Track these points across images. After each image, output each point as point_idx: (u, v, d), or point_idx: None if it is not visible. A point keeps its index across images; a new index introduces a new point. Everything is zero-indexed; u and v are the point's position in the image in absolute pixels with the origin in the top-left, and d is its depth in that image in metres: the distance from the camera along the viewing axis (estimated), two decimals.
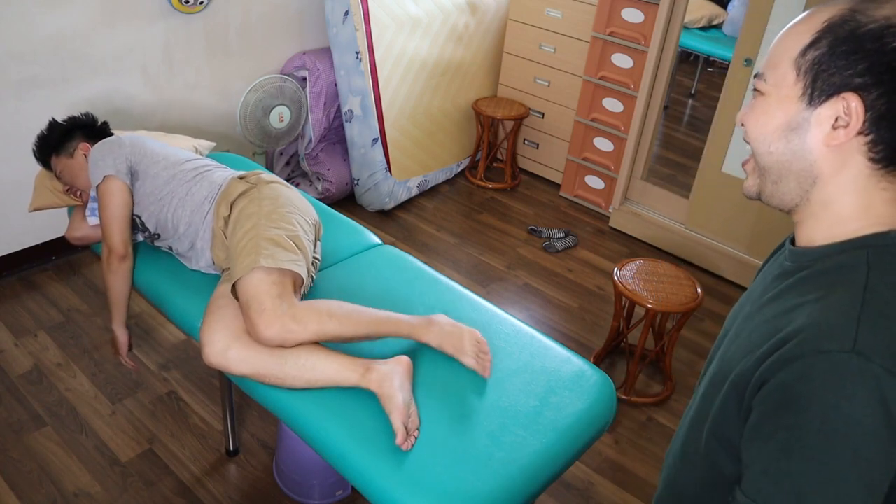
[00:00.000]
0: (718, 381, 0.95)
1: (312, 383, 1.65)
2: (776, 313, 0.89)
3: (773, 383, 0.82)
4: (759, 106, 0.90)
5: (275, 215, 1.83)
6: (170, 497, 2.08)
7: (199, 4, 2.94)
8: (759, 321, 0.92)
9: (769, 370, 0.83)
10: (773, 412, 0.81)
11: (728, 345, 0.98)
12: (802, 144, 0.86)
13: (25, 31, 2.56)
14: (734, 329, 1.00)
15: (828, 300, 0.83)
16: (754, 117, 0.90)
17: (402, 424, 1.52)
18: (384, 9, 3.27)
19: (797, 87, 0.85)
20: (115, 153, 1.97)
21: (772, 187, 0.92)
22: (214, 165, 2.07)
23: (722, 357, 0.98)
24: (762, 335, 0.88)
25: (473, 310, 1.97)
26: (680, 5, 3.18)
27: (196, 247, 1.99)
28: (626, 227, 3.64)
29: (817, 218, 0.90)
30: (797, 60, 0.85)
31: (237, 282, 1.70)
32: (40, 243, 2.94)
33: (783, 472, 0.80)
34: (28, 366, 2.49)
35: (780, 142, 0.88)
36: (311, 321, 1.64)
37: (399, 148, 3.55)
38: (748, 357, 0.88)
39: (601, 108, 3.61)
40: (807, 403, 0.78)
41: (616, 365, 2.75)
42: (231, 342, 1.66)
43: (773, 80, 0.88)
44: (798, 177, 0.88)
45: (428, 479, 1.47)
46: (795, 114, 0.86)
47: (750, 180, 0.95)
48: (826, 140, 0.84)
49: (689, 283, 2.48)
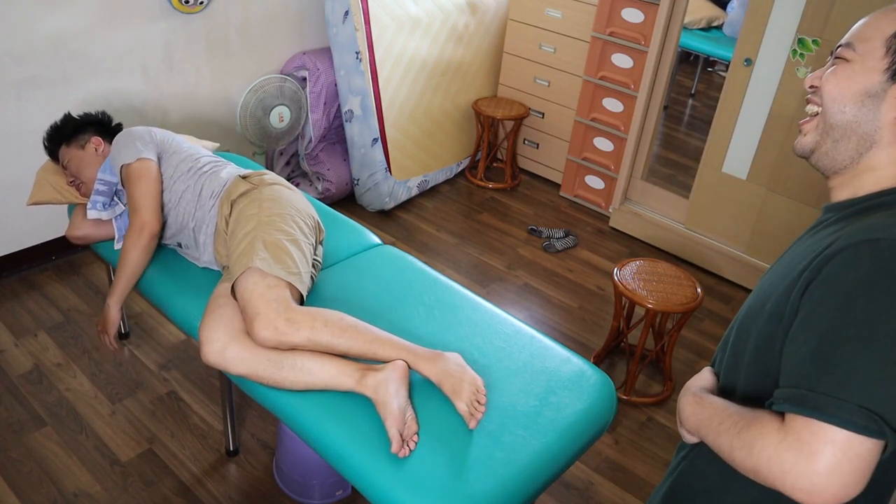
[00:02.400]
0: (755, 312, 1.00)
1: (309, 386, 1.65)
2: (813, 243, 0.96)
3: (819, 279, 0.87)
4: (842, 71, 0.97)
5: (276, 218, 1.84)
6: (170, 497, 2.08)
7: (199, 4, 2.94)
8: (793, 254, 1.00)
9: (812, 272, 0.88)
10: (821, 301, 0.85)
11: (765, 280, 1.05)
12: (875, 111, 0.95)
13: (25, 31, 2.56)
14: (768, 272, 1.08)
15: (868, 218, 0.91)
16: (836, 80, 0.98)
17: (397, 432, 1.52)
18: (384, 9, 3.27)
19: (884, 62, 0.94)
20: (145, 139, 2.06)
21: (831, 145, 0.99)
22: (224, 163, 2.11)
23: (757, 291, 1.05)
24: (799, 261, 0.94)
25: (473, 310, 1.97)
26: (680, 5, 3.18)
27: (200, 241, 2.01)
28: (626, 227, 3.64)
29: (860, 179, 0.98)
30: (889, 41, 0.94)
31: (235, 282, 1.71)
32: (40, 243, 2.94)
33: (831, 355, 0.82)
34: (28, 366, 2.49)
35: (855, 105, 0.96)
36: (304, 326, 1.64)
37: (399, 148, 3.55)
38: (783, 284, 0.94)
39: (601, 108, 3.61)
40: (856, 287, 0.82)
41: (616, 365, 2.75)
42: (229, 342, 1.67)
43: (862, 51, 0.96)
44: (860, 139, 0.96)
45: (428, 479, 1.47)
46: (876, 84, 0.94)
47: (809, 137, 1.02)
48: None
49: (689, 283, 2.48)
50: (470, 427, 1.57)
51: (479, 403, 1.60)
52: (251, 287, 1.68)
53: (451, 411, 1.61)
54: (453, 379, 1.62)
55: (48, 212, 2.83)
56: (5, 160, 2.68)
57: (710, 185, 3.29)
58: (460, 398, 1.59)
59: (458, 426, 1.59)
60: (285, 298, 1.68)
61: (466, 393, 1.59)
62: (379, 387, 1.58)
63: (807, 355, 0.85)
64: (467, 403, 1.59)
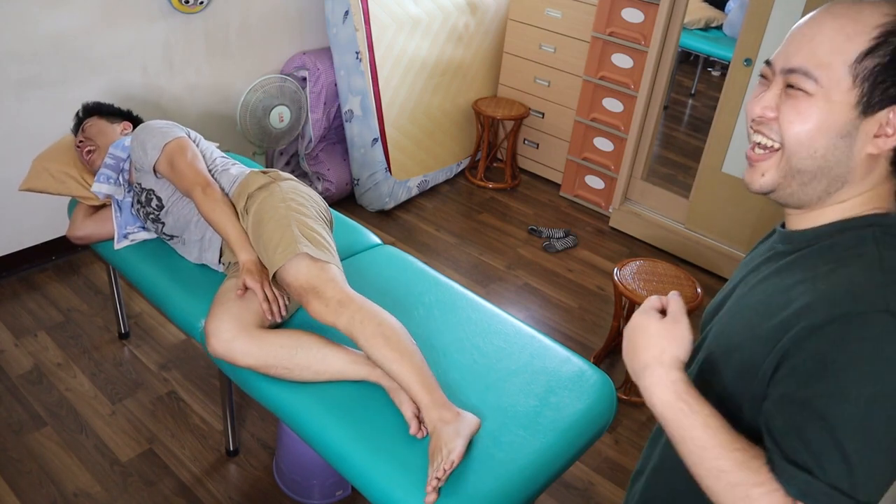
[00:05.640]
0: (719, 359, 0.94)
1: (320, 374, 1.67)
2: (779, 288, 0.88)
3: (803, 354, 0.80)
4: (806, 108, 0.86)
5: (302, 209, 1.90)
6: (170, 497, 2.08)
7: (199, 4, 2.94)
8: (758, 298, 0.91)
9: (794, 342, 0.81)
10: (807, 381, 0.80)
11: (721, 326, 0.97)
12: (849, 151, 0.85)
13: (25, 31, 2.56)
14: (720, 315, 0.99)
15: (843, 271, 0.83)
16: (800, 120, 0.86)
17: (413, 415, 1.56)
18: (384, 9, 3.27)
19: (852, 94, 0.83)
20: (179, 127, 2.14)
21: (797, 188, 0.90)
22: (232, 162, 2.16)
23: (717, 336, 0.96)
24: (766, 310, 0.87)
25: (473, 310, 1.97)
26: (680, 5, 3.18)
27: (206, 237, 2.03)
28: (626, 227, 3.64)
29: (824, 212, 0.90)
30: (854, 67, 0.83)
31: (282, 267, 1.75)
32: (40, 243, 2.94)
33: (827, 437, 0.78)
34: (28, 366, 2.49)
35: (826, 147, 0.85)
36: (345, 314, 1.65)
37: (399, 148, 3.55)
38: (750, 337, 0.88)
39: (601, 108, 3.61)
40: (846, 368, 0.77)
41: (616, 365, 2.75)
42: (237, 333, 1.70)
43: (825, 82, 0.84)
44: (831, 180, 0.87)
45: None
46: (847, 121, 0.84)
47: (768, 177, 0.91)
48: (869, 149, 0.85)
49: (689, 283, 2.48)
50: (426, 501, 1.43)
51: (440, 476, 1.43)
52: (305, 270, 1.73)
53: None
54: (440, 441, 1.49)
55: (48, 212, 2.83)
56: (5, 160, 2.68)
57: (710, 185, 3.29)
58: (431, 463, 1.47)
59: None
60: (340, 279, 1.76)
61: (437, 461, 1.45)
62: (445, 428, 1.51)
63: (797, 440, 0.80)
64: (434, 469, 1.45)
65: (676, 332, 0.92)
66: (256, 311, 1.77)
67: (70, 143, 2.36)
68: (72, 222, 2.27)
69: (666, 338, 0.92)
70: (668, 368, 0.89)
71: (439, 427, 1.50)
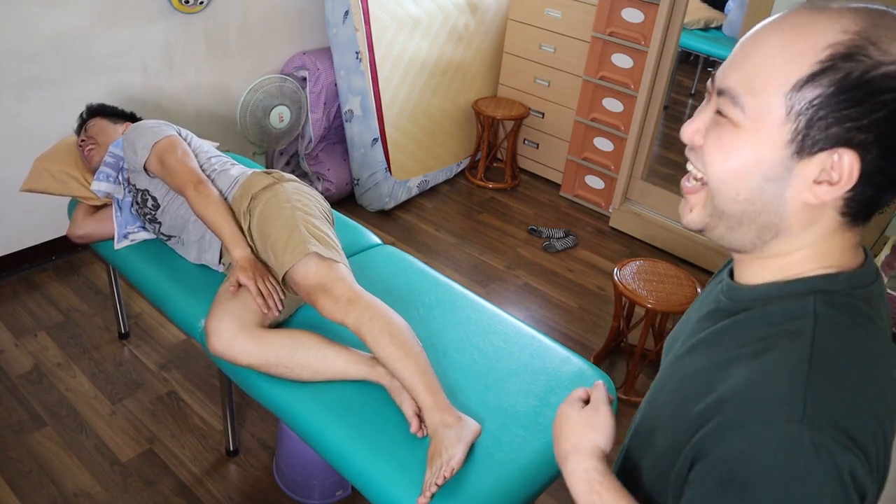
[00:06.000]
0: (645, 431, 0.86)
1: (320, 374, 1.68)
2: (708, 364, 0.78)
3: (711, 459, 0.70)
4: (727, 138, 0.72)
5: (308, 209, 1.91)
6: (170, 497, 2.08)
7: (199, 4, 2.94)
8: (689, 370, 0.81)
9: (705, 442, 0.71)
10: (714, 496, 0.69)
11: (657, 390, 0.88)
12: (778, 198, 0.72)
13: (26, 31, 2.56)
14: (662, 370, 0.91)
15: (769, 356, 0.71)
16: (721, 155, 0.73)
17: (414, 414, 1.57)
18: (384, 9, 3.27)
19: (784, 130, 0.69)
20: (171, 126, 2.14)
21: (724, 231, 0.77)
22: (231, 163, 2.14)
23: (650, 403, 0.88)
24: (692, 390, 0.77)
25: (473, 310, 1.97)
26: (680, 5, 3.18)
27: (205, 238, 2.03)
28: (626, 227, 3.64)
29: (764, 262, 0.78)
30: (789, 96, 0.68)
31: (293, 268, 1.77)
32: (40, 243, 2.94)
33: None
34: (28, 366, 2.49)
35: (750, 190, 0.72)
36: (353, 312, 1.66)
37: (399, 148, 3.55)
38: (677, 416, 0.78)
39: (601, 108, 3.61)
40: (753, 486, 0.66)
41: (616, 365, 2.75)
42: (237, 332, 1.70)
43: (753, 112, 0.70)
44: (761, 228, 0.74)
45: None
46: (777, 162, 0.70)
47: (695, 214, 0.79)
48: (806, 197, 0.71)
49: (689, 283, 2.48)
50: (418, 501, 1.42)
51: (438, 481, 1.42)
52: (314, 269, 1.75)
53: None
54: (440, 444, 1.48)
55: (48, 212, 2.83)
56: (5, 160, 2.68)
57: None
58: (430, 467, 1.46)
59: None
60: (350, 278, 1.78)
61: (436, 465, 1.44)
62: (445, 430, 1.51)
63: None
64: (433, 473, 1.44)
65: (596, 420, 0.88)
66: (256, 311, 1.77)
67: (71, 144, 2.36)
68: (72, 221, 2.28)
69: (586, 426, 0.88)
70: (584, 456, 0.85)
71: (440, 430, 1.50)
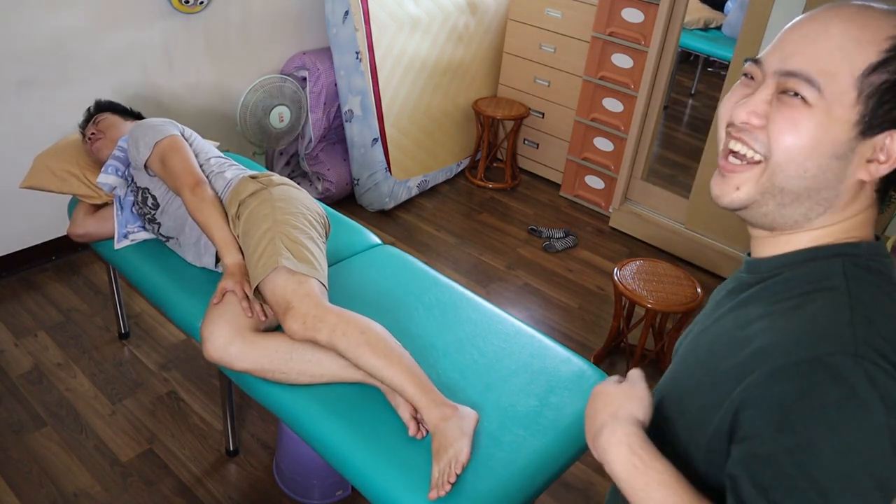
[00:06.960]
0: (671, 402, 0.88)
1: (317, 378, 1.66)
2: (735, 325, 0.80)
3: (766, 405, 0.72)
4: (801, 117, 0.75)
5: (290, 217, 1.86)
6: (170, 497, 2.08)
7: (199, 4, 2.94)
8: (715, 335, 0.83)
9: (752, 391, 0.73)
10: (770, 436, 0.71)
11: (678, 365, 0.90)
12: (839, 175, 0.76)
13: (25, 31, 2.56)
14: (679, 355, 0.93)
15: (810, 307, 0.75)
16: (793, 129, 0.75)
17: (411, 417, 1.55)
18: (384, 9, 3.27)
19: (854, 112, 0.73)
20: (175, 125, 2.14)
21: (774, 207, 0.80)
22: (230, 164, 2.13)
23: (672, 378, 0.90)
24: (724, 349, 0.79)
25: (473, 310, 1.97)
26: (680, 5, 3.18)
27: (203, 241, 2.02)
28: (626, 227, 3.64)
29: (795, 234, 0.81)
30: (860, 80, 0.73)
31: (263, 281, 1.72)
32: (40, 243, 2.94)
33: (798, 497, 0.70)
34: (28, 366, 2.49)
35: (818, 167, 0.75)
36: (325, 328, 1.61)
37: (399, 148, 3.55)
38: (709, 375, 0.80)
39: (601, 108, 3.61)
40: (812, 420, 0.69)
41: (616, 365, 2.75)
42: (233, 337, 1.68)
43: (829, 92, 0.73)
44: (815, 203, 0.78)
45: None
46: (845, 141, 0.74)
47: (743, 192, 0.81)
48: (861, 174, 0.76)
49: (689, 283, 2.48)
50: (429, 496, 1.42)
51: (450, 476, 1.42)
52: (282, 284, 1.69)
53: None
54: (445, 440, 1.48)
55: (48, 212, 2.83)
56: (5, 160, 2.68)
57: (710, 185, 3.29)
58: (437, 462, 1.46)
59: None
60: (316, 294, 1.70)
61: (444, 461, 1.44)
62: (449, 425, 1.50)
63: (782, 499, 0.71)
64: (440, 471, 1.44)
65: (634, 392, 0.88)
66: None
67: (73, 142, 2.36)
68: (73, 220, 2.27)
69: (623, 397, 0.88)
70: (622, 422, 0.85)
71: (441, 425, 1.50)
